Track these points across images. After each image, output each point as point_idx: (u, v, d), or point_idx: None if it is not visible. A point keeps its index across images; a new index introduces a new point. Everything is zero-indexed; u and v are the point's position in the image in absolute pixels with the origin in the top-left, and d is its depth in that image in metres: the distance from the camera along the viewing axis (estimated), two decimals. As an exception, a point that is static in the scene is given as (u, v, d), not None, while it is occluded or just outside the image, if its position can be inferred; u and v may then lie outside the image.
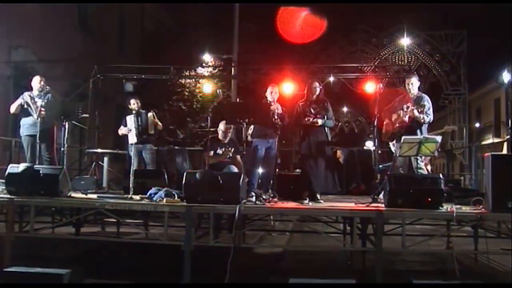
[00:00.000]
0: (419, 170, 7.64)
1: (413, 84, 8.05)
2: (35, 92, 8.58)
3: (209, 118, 7.95)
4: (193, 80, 17.68)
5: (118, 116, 18.42)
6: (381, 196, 7.25)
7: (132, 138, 9.38)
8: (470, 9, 25.29)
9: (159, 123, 9.79)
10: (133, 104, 9.63)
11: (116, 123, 18.02)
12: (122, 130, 9.59)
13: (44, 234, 7.18)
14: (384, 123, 8.11)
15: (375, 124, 7.72)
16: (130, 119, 9.52)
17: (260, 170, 7.81)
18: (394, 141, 8.16)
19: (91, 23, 18.23)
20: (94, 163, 10.15)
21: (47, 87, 8.57)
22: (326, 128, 7.99)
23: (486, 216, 5.99)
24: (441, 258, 8.27)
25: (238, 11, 15.10)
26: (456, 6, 25.13)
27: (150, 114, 9.60)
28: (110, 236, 8.80)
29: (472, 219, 6.11)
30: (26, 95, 8.57)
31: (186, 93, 18.01)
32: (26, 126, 8.57)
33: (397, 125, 7.96)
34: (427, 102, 7.87)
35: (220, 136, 8.49)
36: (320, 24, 20.60)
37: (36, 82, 8.64)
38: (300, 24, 20.53)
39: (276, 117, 7.71)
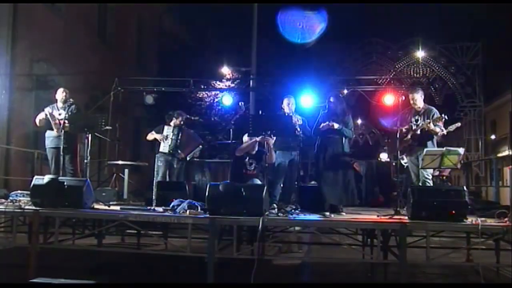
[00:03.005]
0: (426, 179, 7.67)
1: (416, 99, 8.08)
2: (59, 104, 8.77)
3: (231, 130, 7.97)
4: (211, 93, 17.76)
5: (136, 128, 18.66)
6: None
7: (164, 148, 9.47)
8: (485, 21, 25.22)
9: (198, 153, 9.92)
10: (180, 121, 9.73)
11: (134, 136, 18.31)
12: (154, 135, 9.63)
13: (67, 245, 7.25)
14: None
15: (397, 136, 7.72)
16: (169, 129, 9.58)
17: (282, 182, 7.83)
18: (404, 154, 8.20)
19: (110, 37, 18.44)
20: (114, 175, 10.21)
21: (71, 99, 8.80)
22: (344, 140, 7.99)
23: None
24: (461, 271, 8.21)
25: (256, 23, 15.17)
26: (471, 18, 25.06)
27: (200, 147, 9.77)
28: (132, 247, 8.85)
29: (497, 231, 6.08)
30: (47, 109, 8.72)
31: (204, 106, 18.11)
32: (51, 138, 8.72)
33: (409, 137, 7.98)
34: (438, 114, 7.91)
35: None
36: (319, 24, 20.61)
37: (60, 94, 8.85)
38: (300, 23, 20.53)
39: (298, 129, 7.74)
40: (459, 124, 8.02)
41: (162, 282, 6.90)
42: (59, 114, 8.52)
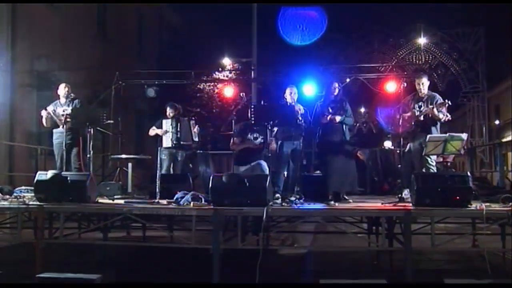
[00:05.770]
0: (429, 166, 7.65)
1: (424, 84, 8.06)
2: (61, 100, 8.78)
3: (233, 121, 7.97)
4: (211, 84, 17.73)
5: (139, 122, 18.68)
6: (405, 192, 7.25)
7: (167, 142, 9.49)
8: (486, 5, 25.06)
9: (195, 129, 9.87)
10: (169, 113, 9.75)
11: (136, 129, 18.32)
12: (155, 131, 9.68)
13: (73, 240, 7.27)
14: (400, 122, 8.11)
15: (400, 123, 7.70)
16: (167, 123, 9.62)
17: (286, 172, 7.82)
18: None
19: (110, 31, 18.42)
20: (118, 168, 10.22)
21: (72, 94, 8.84)
22: (344, 128, 7.97)
23: (517, 213, 5.93)
24: (467, 256, 8.22)
25: (256, 14, 15.14)
26: (472, 2, 24.90)
27: (192, 122, 9.72)
28: (137, 240, 8.88)
29: (502, 216, 6.07)
30: (50, 108, 8.72)
31: (205, 98, 18.09)
32: (58, 134, 8.75)
33: (412, 123, 7.95)
34: (441, 100, 7.88)
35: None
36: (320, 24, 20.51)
37: (62, 89, 8.85)
38: (300, 24, 20.41)
39: (300, 118, 7.72)
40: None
41: (168, 274, 6.95)
42: (64, 110, 8.51)
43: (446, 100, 7.75)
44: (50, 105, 8.82)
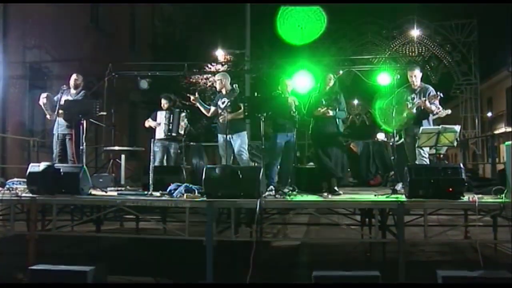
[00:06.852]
0: (422, 158, 7.67)
1: (416, 76, 8.06)
2: (71, 90, 8.75)
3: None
4: (204, 77, 17.62)
5: (132, 113, 18.61)
6: (399, 186, 7.27)
7: (160, 134, 9.50)
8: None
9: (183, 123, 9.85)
10: (163, 104, 9.75)
11: (130, 121, 18.26)
12: (149, 122, 9.71)
13: (66, 232, 7.24)
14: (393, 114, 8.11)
15: (393, 115, 7.70)
16: (161, 115, 9.64)
17: (279, 164, 7.82)
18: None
19: (103, 22, 18.28)
20: (111, 160, 10.18)
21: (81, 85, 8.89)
22: (337, 120, 7.93)
23: (509, 205, 5.96)
24: (459, 248, 8.27)
25: (249, 6, 15.10)
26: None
27: (183, 115, 9.71)
28: (130, 232, 8.86)
29: (495, 208, 6.10)
30: (42, 98, 8.66)
31: (198, 90, 18.00)
32: (56, 125, 8.71)
33: (405, 115, 7.95)
34: (434, 92, 7.89)
35: (221, 90, 8.41)
36: (320, 23, 20.40)
37: (72, 79, 8.86)
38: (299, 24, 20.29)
39: (294, 110, 7.70)
40: (449, 111, 8.01)
41: (161, 266, 6.95)
42: (64, 101, 8.49)
43: (439, 93, 7.76)
44: (57, 93, 8.82)
